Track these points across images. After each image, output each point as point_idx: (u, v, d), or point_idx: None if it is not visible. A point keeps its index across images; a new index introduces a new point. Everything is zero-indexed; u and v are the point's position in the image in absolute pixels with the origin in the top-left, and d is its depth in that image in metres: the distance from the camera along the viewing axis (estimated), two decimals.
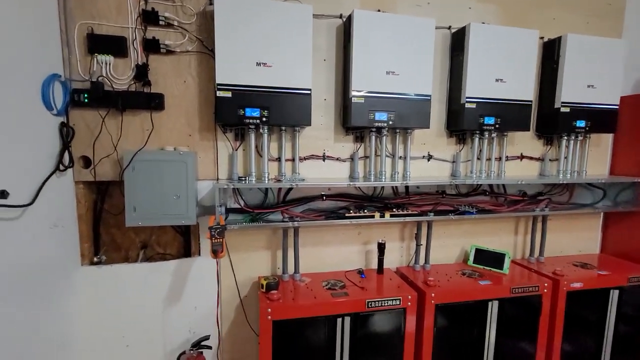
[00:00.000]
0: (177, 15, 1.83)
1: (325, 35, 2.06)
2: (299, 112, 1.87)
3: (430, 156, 2.32)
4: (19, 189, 1.41)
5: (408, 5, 2.16)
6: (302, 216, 2.01)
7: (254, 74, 1.79)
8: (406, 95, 2.00)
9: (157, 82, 1.85)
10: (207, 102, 1.93)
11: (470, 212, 2.21)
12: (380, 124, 1.99)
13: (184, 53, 1.87)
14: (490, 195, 2.41)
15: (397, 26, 1.95)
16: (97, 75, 1.76)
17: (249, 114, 1.80)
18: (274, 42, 1.79)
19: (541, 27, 2.35)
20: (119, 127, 1.82)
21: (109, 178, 1.86)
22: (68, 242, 1.81)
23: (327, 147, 2.14)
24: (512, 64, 2.15)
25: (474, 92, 2.12)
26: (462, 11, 2.24)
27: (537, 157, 2.52)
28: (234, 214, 2.01)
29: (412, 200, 2.24)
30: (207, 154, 1.98)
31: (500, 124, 2.18)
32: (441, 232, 2.41)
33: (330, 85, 2.10)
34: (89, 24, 1.74)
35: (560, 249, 2.68)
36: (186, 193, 1.83)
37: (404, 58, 1.97)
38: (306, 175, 2.12)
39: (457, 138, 2.35)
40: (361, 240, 2.29)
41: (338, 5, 2.05)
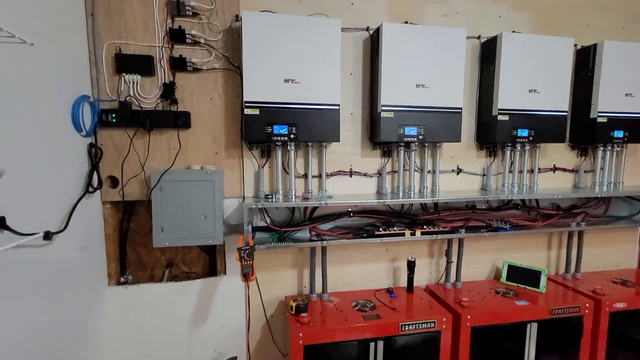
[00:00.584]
0: (203, 33, 1.81)
1: (351, 48, 2.01)
2: (328, 128, 1.82)
3: (460, 170, 2.24)
4: (49, 214, 1.40)
5: (436, 15, 2.09)
6: (330, 234, 1.95)
7: (282, 90, 1.75)
8: (437, 108, 1.94)
9: (184, 100, 1.83)
10: (234, 119, 1.90)
11: (503, 228, 2.12)
12: (410, 139, 1.93)
13: (211, 70, 1.84)
14: (522, 209, 2.31)
15: (426, 38, 1.89)
16: (125, 95, 1.75)
17: (277, 131, 1.76)
18: (302, 58, 1.75)
19: (574, 34, 2.26)
20: (146, 146, 1.80)
21: (136, 198, 1.84)
22: (96, 263, 1.80)
23: (354, 163, 2.09)
24: (546, 73, 2.06)
25: (507, 103, 2.04)
26: (492, 20, 2.17)
27: (570, 169, 2.41)
28: (260, 232, 1.97)
29: (442, 215, 2.16)
30: (233, 171, 1.94)
31: (535, 136, 2.09)
32: (471, 248, 2.32)
33: (357, 99, 2.05)
34: (116, 43, 1.73)
35: (596, 263, 2.55)
36: (213, 212, 1.80)
37: (434, 70, 1.91)
38: (333, 191, 2.07)
39: (487, 151, 2.26)
40: (389, 257, 2.22)
41: (364, 18, 2.00)
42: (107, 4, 1.71)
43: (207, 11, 1.80)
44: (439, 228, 2.04)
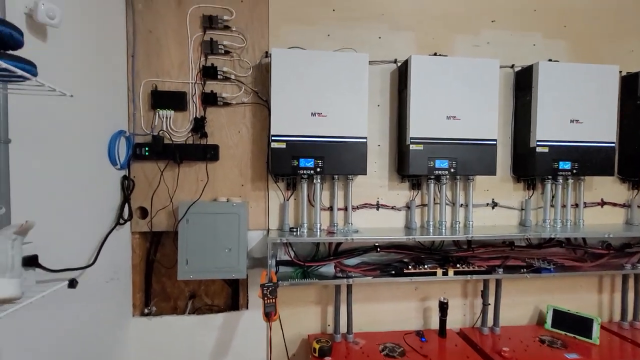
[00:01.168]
0: (234, 69, 1.87)
1: (379, 80, 2.00)
2: (355, 161, 1.79)
3: (495, 203, 2.11)
4: (80, 247, 1.43)
5: (466, 46, 2.05)
6: (356, 271, 1.87)
7: (309, 124, 1.75)
8: (469, 140, 1.85)
9: (213, 133, 1.87)
10: (260, 151, 1.91)
11: (547, 268, 1.94)
12: (440, 172, 1.85)
13: (240, 105, 1.89)
14: (567, 247, 2.11)
15: (456, 69, 1.85)
16: (158, 129, 1.82)
17: (303, 164, 1.75)
18: (329, 92, 1.75)
19: (617, 61, 2.13)
20: (175, 178, 1.84)
21: (164, 229, 1.86)
22: (122, 293, 1.81)
23: (381, 195, 2.02)
24: (589, 103, 1.93)
25: (546, 135, 1.92)
26: (526, 49, 2.09)
27: (621, 204, 2.21)
28: (284, 267, 1.92)
29: (477, 253, 2.01)
30: (259, 203, 1.93)
31: (578, 168, 1.94)
32: (510, 289, 2.13)
33: (384, 131, 2.01)
34: (153, 81, 1.82)
35: None
36: (237, 245, 1.78)
37: (466, 101, 1.85)
38: (359, 224, 2.00)
39: (525, 184, 2.12)
40: (419, 296, 2.08)
41: (392, 51, 1.99)
42: (147, 45, 1.82)
43: (238, 49, 1.87)
44: (473, 267, 1.90)
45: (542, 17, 2.10)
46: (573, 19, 2.12)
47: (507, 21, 2.07)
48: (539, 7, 2.09)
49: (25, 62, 0.67)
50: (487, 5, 2.06)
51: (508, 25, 2.08)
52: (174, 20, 1.83)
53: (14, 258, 0.65)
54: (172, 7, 1.83)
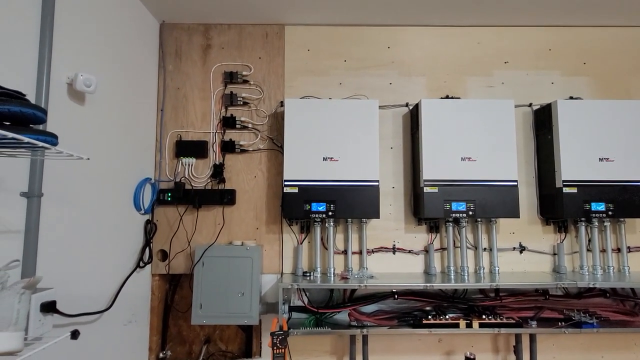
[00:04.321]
0: (251, 119, 1.99)
1: (391, 123, 2.03)
2: (367, 204, 1.78)
3: (523, 247, 1.96)
4: (102, 290, 1.50)
5: (479, 87, 2.05)
6: (372, 321, 1.77)
7: (321, 168, 1.79)
8: (487, 182, 1.79)
9: (231, 178, 1.97)
10: (275, 195, 1.96)
11: (589, 323, 1.73)
12: (458, 215, 1.78)
13: (256, 151, 1.98)
14: (613, 297, 1.89)
15: (469, 110, 1.84)
16: (181, 176, 1.94)
17: (315, 208, 1.77)
18: (340, 138, 1.81)
19: None
20: (194, 222, 1.92)
21: (181, 271, 1.92)
22: (139, 337, 1.84)
23: (398, 239, 1.96)
24: (619, 139, 1.82)
25: (573, 174, 1.81)
26: (544, 87, 2.05)
27: None
28: (297, 313, 1.87)
29: (506, 302, 1.85)
30: (273, 246, 1.95)
31: (615, 209, 1.79)
32: (549, 344, 1.91)
33: (399, 173, 2.00)
34: (178, 132, 1.98)
35: None
36: (250, 290, 1.78)
37: (481, 142, 1.82)
38: (375, 269, 1.94)
39: (555, 226, 1.97)
40: (442, 350, 1.92)
41: (404, 95, 2.04)
42: (175, 100, 2.01)
43: (255, 100, 2.01)
44: (501, 318, 1.74)
45: (558, 56, 2.07)
46: (593, 56, 2.07)
47: (521, 61, 2.07)
48: (554, 47, 2.08)
49: (46, 135, 0.77)
50: (498, 47, 2.07)
51: (522, 65, 2.07)
52: (199, 78, 2.02)
53: (19, 312, 0.70)
54: (197, 67, 2.03)
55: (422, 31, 2.08)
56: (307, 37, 2.06)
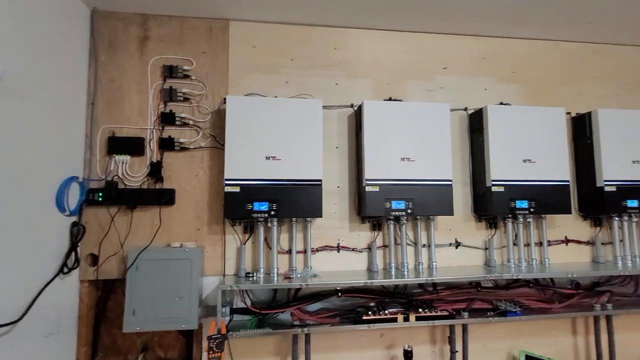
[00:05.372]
0: (193, 115, 1.92)
1: (336, 123, 2.06)
2: (310, 203, 1.78)
3: (458, 243, 2.09)
4: (12, 299, 1.36)
5: (420, 90, 2.15)
6: (314, 319, 1.79)
7: (263, 167, 1.76)
8: (425, 181, 1.88)
9: (170, 177, 1.88)
10: (218, 194, 1.90)
11: (513, 311, 1.88)
12: (397, 213, 1.85)
13: (197, 149, 1.91)
14: (536, 287, 2.06)
15: (409, 113, 1.91)
16: (113, 175, 1.81)
17: (257, 208, 1.74)
18: (283, 136, 1.79)
19: (567, 102, 2.25)
20: (129, 224, 1.81)
21: (114, 276, 1.79)
22: (65, 348, 1.69)
23: (342, 237, 1.99)
24: (541, 143, 2.00)
25: (500, 174, 1.95)
26: (479, 93, 2.19)
27: (585, 241, 2.20)
28: (239, 315, 1.83)
29: (442, 295, 1.95)
30: (215, 247, 1.89)
31: (536, 207, 1.96)
32: (480, 333, 2.05)
33: (344, 173, 2.03)
34: (111, 127, 1.86)
35: (635, 348, 2.17)
36: (189, 293, 1.71)
37: (420, 144, 1.90)
38: (319, 268, 1.95)
39: (487, 222, 2.12)
40: (384, 344, 1.98)
41: (350, 95, 2.07)
42: (108, 93, 1.87)
43: (197, 96, 1.93)
44: (437, 311, 1.83)
45: (491, 64, 2.22)
46: (521, 66, 2.25)
47: (459, 68, 2.19)
48: (488, 56, 2.23)
49: None
50: (438, 53, 2.18)
51: (460, 72, 2.19)
52: (135, 71, 1.90)
53: None
54: (134, 59, 1.91)
55: (368, 34, 2.13)
56: (253, 33, 2.03)
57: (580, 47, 2.32)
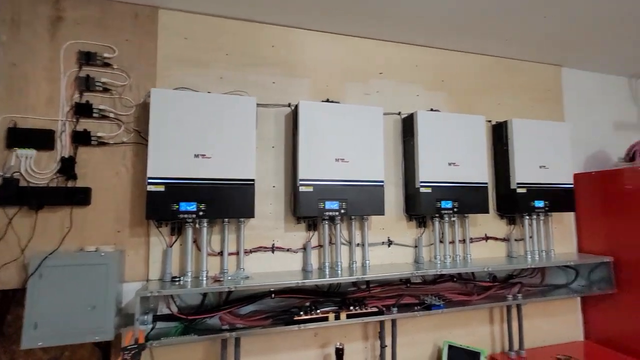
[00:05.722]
0: (114, 107, 1.76)
1: (273, 122, 2.03)
2: (242, 203, 1.73)
3: (391, 242, 2.17)
4: None
5: (357, 93, 2.20)
6: (244, 323, 1.74)
7: (192, 166, 1.68)
8: (358, 182, 1.92)
9: (86, 175, 1.71)
10: (142, 194, 1.76)
11: (437, 305, 2.00)
12: (331, 213, 1.87)
13: (119, 144, 1.76)
14: (459, 281, 2.22)
15: (344, 115, 1.95)
16: (14, 171, 1.60)
17: (184, 208, 1.65)
18: (214, 134, 1.72)
19: (488, 111, 2.46)
20: (32, 226, 1.61)
21: (12, 286, 1.58)
22: None
23: (277, 238, 1.97)
24: (463, 147, 2.15)
25: (428, 176, 2.07)
26: (411, 98, 2.31)
27: (502, 238, 2.42)
28: (165, 322, 1.72)
29: (374, 292, 2.02)
30: (138, 251, 1.76)
31: (459, 207, 2.11)
32: (409, 327, 2.15)
33: (280, 172, 2.01)
34: (12, 117, 1.64)
35: (542, 337, 2.44)
36: (104, 302, 1.57)
37: (354, 145, 1.94)
38: (253, 269, 1.91)
39: (417, 222, 2.24)
40: (319, 343, 2.00)
41: (287, 95, 2.06)
42: (8, 79, 1.65)
43: (120, 87, 1.78)
44: (366, 308, 1.88)
45: (423, 72, 2.36)
46: (448, 75, 2.41)
47: (393, 74, 2.29)
48: (420, 64, 2.35)
49: None
50: (375, 59, 2.26)
51: (394, 77, 2.29)
52: (44, 55, 1.70)
53: None
54: (44, 41, 1.71)
55: (308, 34, 2.14)
56: (185, 24, 1.92)
57: (499, 62, 2.55)
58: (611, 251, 2.38)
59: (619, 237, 2.34)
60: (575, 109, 2.73)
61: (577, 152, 2.69)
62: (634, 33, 2.24)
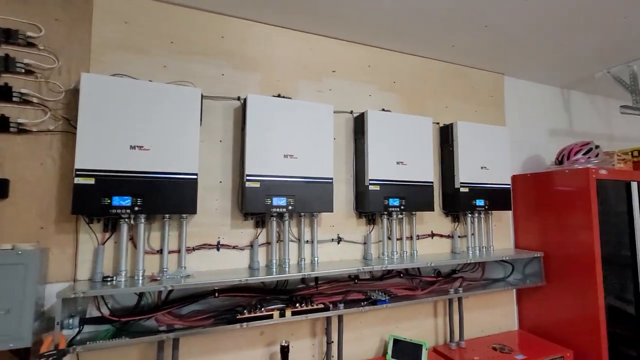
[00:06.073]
0: (40, 92, 1.61)
1: (222, 116, 1.97)
2: (183, 199, 1.66)
3: (340, 239, 2.20)
4: None
5: (310, 90, 2.20)
6: (183, 323, 1.66)
7: (127, 158, 1.57)
8: (307, 178, 1.92)
9: (3, 165, 1.54)
10: (70, 188, 1.63)
11: (382, 300, 2.05)
12: (279, 210, 1.85)
13: (45, 132, 1.61)
14: (406, 277, 2.30)
15: (294, 111, 1.94)
16: None
17: (117, 203, 1.54)
18: (154, 125, 1.63)
19: (437, 114, 2.56)
20: None
21: None
22: None
23: (223, 235, 1.91)
24: (411, 147, 2.23)
25: (377, 174, 2.11)
26: (364, 98, 2.35)
27: (447, 235, 2.54)
28: (95, 325, 1.60)
29: (321, 289, 2.02)
30: (65, 249, 1.62)
31: (406, 205, 2.17)
32: (357, 323, 2.19)
33: (227, 168, 1.95)
34: None
35: (480, 328, 2.59)
36: (22, 304, 1.42)
37: (303, 142, 1.93)
38: (197, 267, 1.83)
39: (366, 219, 2.28)
40: (265, 342, 1.96)
41: (237, 88, 2.00)
42: None
43: (46, 70, 1.63)
44: (313, 305, 1.88)
45: (375, 73, 2.40)
46: (400, 77, 2.49)
47: (346, 73, 2.31)
48: (373, 64, 2.40)
49: None
50: (328, 56, 2.27)
51: (347, 77, 2.31)
52: None
53: None
54: None
55: (259, 27, 2.09)
56: (125, 8, 1.80)
57: (447, 67, 2.67)
58: (542, 247, 2.59)
59: (549, 234, 2.55)
60: (515, 115, 2.94)
61: (516, 155, 2.90)
62: (565, 48, 2.45)
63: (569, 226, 2.41)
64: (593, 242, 2.26)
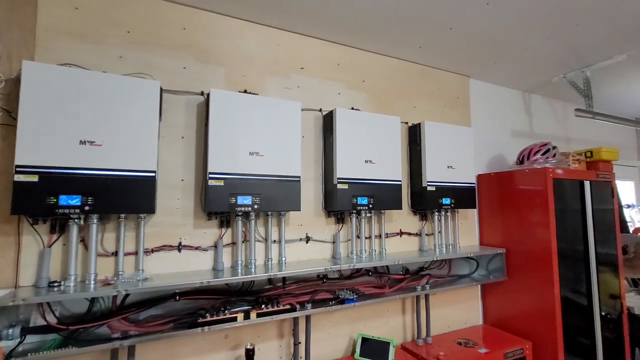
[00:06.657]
0: None
1: (184, 111, 1.88)
2: (139, 198, 1.56)
3: (309, 238, 2.17)
4: None
5: (277, 87, 2.15)
6: (139, 330, 1.57)
7: (76, 153, 1.46)
8: (273, 177, 1.87)
9: None
10: (11, 186, 1.49)
11: (350, 299, 2.04)
12: (244, 209, 1.79)
13: None
14: (374, 275, 2.31)
15: (260, 107, 1.88)
16: None
17: (65, 202, 1.43)
18: (108, 119, 1.53)
19: (405, 113, 2.60)
20: None
21: None
22: None
23: (185, 235, 1.83)
24: (380, 146, 2.23)
25: (345, 172, 2.10)
26: (332, 96, 2.33)
27: (415, 233, 2.58)
28: (37, 335, 1.47)
29: (289, 289, 1.99)
30: (4, 253, 1.48)
31: (374, 203, 2.18)
32: (325, 322, 2.17)
33: (190, 165, 1.87)
34: None
35: (447, 323, 2.65)
36: None
37: (270, 139, 1.89)
38: (156, 270, 1.74)
39: (335, 218, 2.27)
40: (230, 345, 1.90)
41: (200, 82, 1.93)
42: None
43: None
44: (279, 306, 1.84)
45: (344, 71, 2.40)
46: (369, 76, 2.49)
47: (315, 70, 2.29)
48: (342, 62, 2.39)
49: None
50: (296, 53, 2.23)
51: (316, 74, 2.29)
52: None
53: None
54: None
55: (224, 20, 2.02)
56: None
57: (415, 67, 2.71)
58: (504, 243, 2.69)
59: (510, 230, 2.65)
60: (480, 116, 3.04)
61: (481, 155, 2.99)
62: (526, 53, 2.56)
63: (528, 223, 2.52)
64: (550, 239, 2.37)
